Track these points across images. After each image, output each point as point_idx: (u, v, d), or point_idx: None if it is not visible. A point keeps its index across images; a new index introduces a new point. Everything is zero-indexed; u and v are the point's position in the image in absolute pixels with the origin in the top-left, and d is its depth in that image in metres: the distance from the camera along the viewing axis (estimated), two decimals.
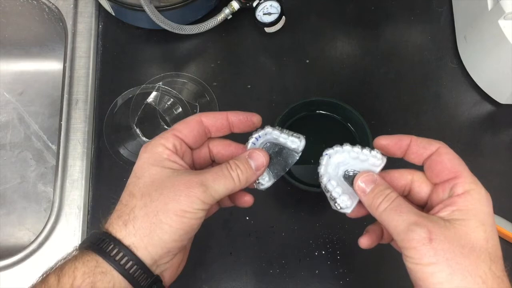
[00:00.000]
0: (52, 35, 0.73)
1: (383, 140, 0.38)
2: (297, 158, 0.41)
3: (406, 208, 0.33)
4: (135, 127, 0.61)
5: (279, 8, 0.64)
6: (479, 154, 0.61)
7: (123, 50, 0.67)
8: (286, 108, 0.57)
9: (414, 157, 0.37)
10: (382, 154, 0.37)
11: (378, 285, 0.56)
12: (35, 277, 0.34)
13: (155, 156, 0.36)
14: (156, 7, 0.60)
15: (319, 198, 0.59)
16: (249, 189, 0.41)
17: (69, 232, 0.57)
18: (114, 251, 0.33)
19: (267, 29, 0.66)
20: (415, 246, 0.31)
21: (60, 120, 0.62)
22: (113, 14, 0.66)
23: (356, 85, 0.65)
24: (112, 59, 0.66)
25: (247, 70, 0.66)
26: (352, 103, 0.56)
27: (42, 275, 0.33)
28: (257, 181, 0.40)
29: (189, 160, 0.39)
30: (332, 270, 0.56)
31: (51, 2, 0.67)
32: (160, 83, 0.63)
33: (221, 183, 0.36)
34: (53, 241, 0.56)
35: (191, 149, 0.39)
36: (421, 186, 0.37)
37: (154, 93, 0.61)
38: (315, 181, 0.58)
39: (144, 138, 0.60)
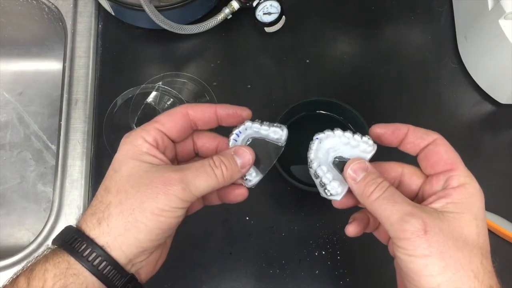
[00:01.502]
0: (52, 35, 0.73)
1: (379, 129, 0.37)
2: (282, 149, 0.40)
3: (400, 198, 0.33)
4: (135, 127, 0.60)
5: (279, 8, 0.64)
6: (479, 154, 0.61)
7: (123, 50, 0.66)
8: (286, 108, 0.57)
9: (410, 147, 0.36)
10: (374, 141, 0.37)
11: (378, 285, 0.56)
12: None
13: (134, 149, 0.34)
14: (156, 7, 0.60)
15: (319, 198, 0.59)
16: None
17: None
18: (87, 251, 0.31)
19: (267, 29, 0.66)
20: (410, 237, 0.30)
21: (60, 120, 0.62)
22: (113, 13, 0.66)
23: (356, 85, 0.65)
24: (111, 59, 0.66)
25: (247, 70, 0.65)
26: (352, 103, 0.56)
27: (12, 276, 0.32)
28: (245, 178, 0.39)
29: (171, 154, 0.37)
30: (332, 270, 0.55)
31: (50, 2, 0.67)
32: (160, 83, 0.63)
33: (202, 180, 0.34)
34: None
35: (174, 142, 0.37)
36: (412, 179, 0.37)
37: (154, 93, 0.61)
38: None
39: None
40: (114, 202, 0.33)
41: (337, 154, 0.38)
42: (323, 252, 0.56)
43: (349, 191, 0.37)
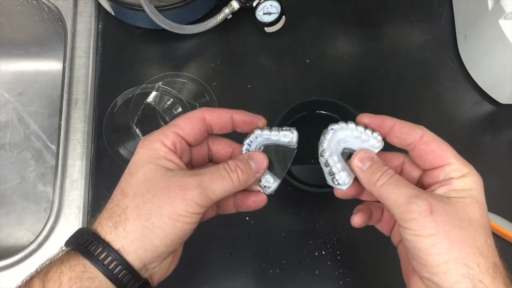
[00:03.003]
0: (52, 35, 0.73)
1: (366, 119, 0.38)
2: (295, 151, 0.41)
3: (405, 183, 0.34)
4: (135, 127, 0.60)
5: (279, 8, 0.64)
6: (479, 154, 0.61)
7: (123, 50, 0.66)
8: (286, 108, 0.57)
9: (396, 141, 0.38)
10: (382, 137, 0.38)
11: (378, 285, 0.56)
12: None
13: (152, 153, 0.34)
14: (156, 7, 0.60)
15: (319, 198, 0.59)
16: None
17: (69, 232, 0.56)
18: (103, 255, 0.31)
19: (267, 29, 0.66)
20: (416, 218, 0.32)
21: (60, 120, 0.62)
22: (113, 14, 0.66)
23: (356, 85, 0.65)
24: (111, 59, 0.66)
25: (247, 70, 0.65)
26: (352, 103, 0.56)
27: (26, 278, 0.32)
28: (263, 186, 0.39)
29: (187, 158, 0.38)
30: (332, 270, 0.55)
31: (50, 2, 0.67)
32: (160, 83, 0.63)
33: (218, 184, 0.34)
34: (53, 242, 0.56)
35: (190, 146, 0.38)
36: (412, 167, 0.38)
37: (154, 93, 0.61)
38: (315, 181, 0.58)
39: None
40: (131, 206, 0.33)
41: (346, 146, 0.39)
42: (323, 252, 0.56)
43: (354, 182, 0.39)
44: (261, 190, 0.39)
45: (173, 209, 0.32)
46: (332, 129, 0.39)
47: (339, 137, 0.39)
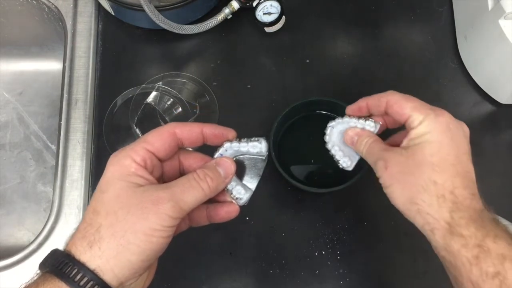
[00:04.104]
0: (52, 35, 0.73)
1: (349, 110, 0.46)
2: (265, 161, 0.41)
3: (375, 149, 0.42)
4: (135, 127, 0.60)
5: (279, 8, 0.64)
6: (479, 154, 0.61)
7: (123, 50, 0.66)
8: (286, 108, 0.57)
9: (378, 118, 0.44)
10: (375, 121, 0.44)
11: (378, 285, 0.56)
12: None
13: (122, 170, 0.34)
14: (156, 7, 0.60)
15: (319, 198, 0.59)
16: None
17: (69, 232, 0.56)
18: (79, 276, 0.31)
19: (267, 29, 0.65)
20: (380, 175, 0.40)
21: (60, 120, 0.62)
22: (113, 14, 0.66)
23: (356, 85, 0.65)
24: (111, 59, 0.66)
25: (247, 70, 0.65)
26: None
27: None
28: (235, 197, 0.40)
29: (158, 173, 0.38)
30: (332, 270, 0.55)
31: (50, 2, 0.67)
32: (160, 83, 0.63)
33: (189, 194, 0.35)
34: (53, 242, 0.56)
35: (161, 161, 0.38)
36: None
37: (154, 93, 0.61)
38: (315, 181, 0.58)
39: None
40: (104, 224, 0.32)
41: None
42: (323, 252, 0.56)
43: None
44: (234, 202, 0.40)
45: (147, 224, 0.32)
46: (330, 126, 0.46)
47: (339, 130, 0.46)
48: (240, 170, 0.41)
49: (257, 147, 0.40)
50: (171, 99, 0.62)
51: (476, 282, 0.34)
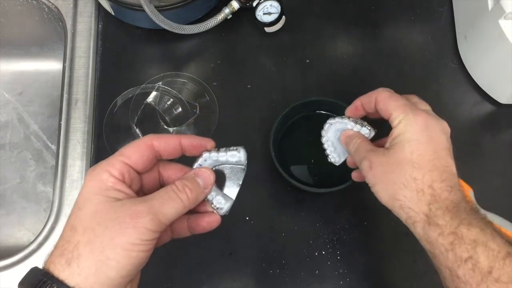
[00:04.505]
0: (52, 35, 0.73)
1: (347, 112, 0.49)
2: (245, 170, 0.41)
3: (361, 149, 0.45)
4: (135, 127, 0.60)
5: (279, 8, 0.64)
6: (479, 154, 0.61)
7: (123, 50, 0.66)
8: (286, 108, 0.57)
9: (372, 116, 0.47)
10: (371, 127, 0.47)
11: (378, 285, 0.56)
12: None
13: (99, 184, 0.34)
14: (156, 7, 0.60)
15: (319, 198, 0.59)
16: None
17: None
18: None
19: (267, 29, 0.65)
20: (365, 175, 0.43)
21: (60, 120, 0.62)
22: (113, 14, 0.66)
23: (356, 85, 0.65)
24: (111, 59, 0.66)
25: (247, 70, 0.65)
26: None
27: None
28: (215, 207, 0.40)
29: (137, 186, 0.37)
30: (332, 270, 0.55)
31: (50, 2, 0.67)
32: (160, 83, 0.63)
33: (169, 206, 0.34)
34: (53, 242, 0.56)
35: (140, 174, 0.38)
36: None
37: (154, 93, 0.61)
38: (315, 181, 0.58)
39: None
40: (82, 241, 0.32)
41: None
42: (323, 252, 0.56)
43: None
44: (215, 212, 0.40)
45: (126, 239, 0.32)
46: (329, 123, 0.50)
47: (336, 128, 0.49)
48: (220, 179, 0.41)
49: (236, 156, 0.40)
50: (171, 99, 0.62)
51: (452, 268, 0.36)
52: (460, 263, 0.36)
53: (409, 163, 0.40)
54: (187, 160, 0.40)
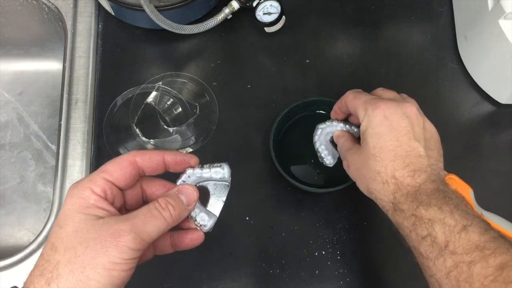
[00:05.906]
0: (52, 35, 0.73)
1: (332, 114, 0.52)
2: (228, 187, 0.41)
3: (343, 148, 0.49)
4: (135, 127, 0.60)
5: (279, 8, 0.64)
6: (479, 154, 0.61)
7: (123, 50, 0.66)
8: (286, 108, 0.57)
9: (347, 113, 0.50)
10: (358, 127, 0.48)
11: (378, 285, 0.56)
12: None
13: (81, 202, 0.34)
14: (156, 7, 0.60)
15: (319, 198, 0.59)
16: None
17: None
18: None
19: (267, 29, 0.65)
20: (348, 173, 0.47)
21: (60, 120, 0.62)
22: (113, 14, 0.66)
23: (356, 85, 0.64)
24: (112, 59, 0.66)
25: (247, 70, 0.65)
26: None
27: None
28: (199, 224, 0.39)
29: (120, 203, 0.37)
30: (332, 271, 0.55)
31: (50, 2, 0.67)
32: (160, 83, 0.63)
33: (151, 225, 0.34)
34: None
35: (122, 190, 0.37)
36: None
37: (154, 93, 0.61)
38: (315, 181, 0.58)
39: (143, 138, 0.60)
40: (62, 261, 0.32)
41: (333, 135, 0.53)
42: (323, 252, 0.56)
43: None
44: (199, 229, 0.40)
45: (107, 258, 0.31)
46: (319, 127, 0.52)
47: (327, 131, 0.52)
48: (204, 196, 0.41)
49: (220, 173, 0.40)
50: (171, 99, 0.62)
51: (414, 246, 0.39)
52: (421, 241, 0.38)
53: (372, 158, 0.43)
54: (171, 175, 0.40)
